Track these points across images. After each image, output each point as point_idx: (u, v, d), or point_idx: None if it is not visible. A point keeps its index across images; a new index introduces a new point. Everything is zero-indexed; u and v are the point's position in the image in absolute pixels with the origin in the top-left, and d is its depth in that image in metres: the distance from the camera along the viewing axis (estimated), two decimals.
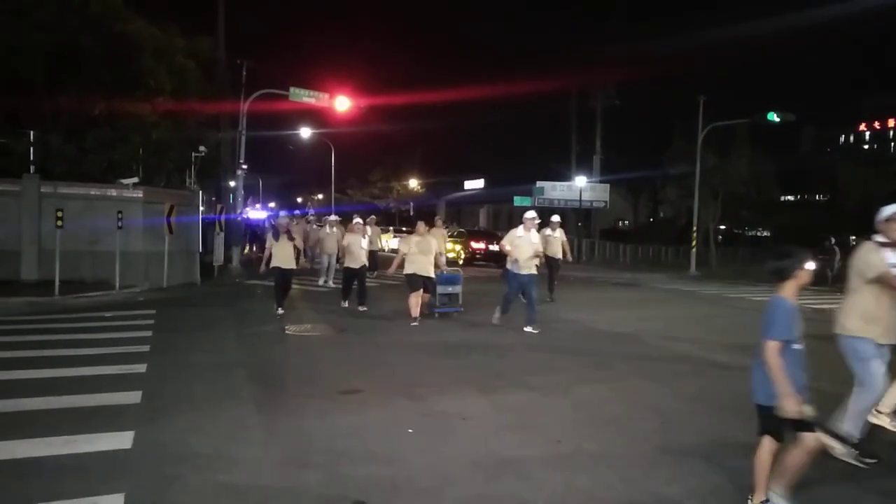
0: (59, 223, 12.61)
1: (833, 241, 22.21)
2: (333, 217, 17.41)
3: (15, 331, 9.19)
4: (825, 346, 5.17)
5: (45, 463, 4.37)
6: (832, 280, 20.24)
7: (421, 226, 11.07)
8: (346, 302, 12.35)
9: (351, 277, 12.28)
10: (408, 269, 10.53)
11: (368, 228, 17.06)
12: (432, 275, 10.84)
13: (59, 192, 14.38)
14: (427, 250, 10.65)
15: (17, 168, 14.84)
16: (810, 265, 3.72)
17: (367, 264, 12.56)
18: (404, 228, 35.23)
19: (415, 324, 10.25)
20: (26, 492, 3.92)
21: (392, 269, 11.18)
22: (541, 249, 10.71)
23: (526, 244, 10.22)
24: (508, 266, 10.41)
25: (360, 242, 12.31)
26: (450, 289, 11.65)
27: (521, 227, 10.47)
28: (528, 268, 10.16)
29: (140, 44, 16.05)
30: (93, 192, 14.85)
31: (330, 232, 16.56)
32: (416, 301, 10.48)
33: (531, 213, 10.56)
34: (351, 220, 13.84)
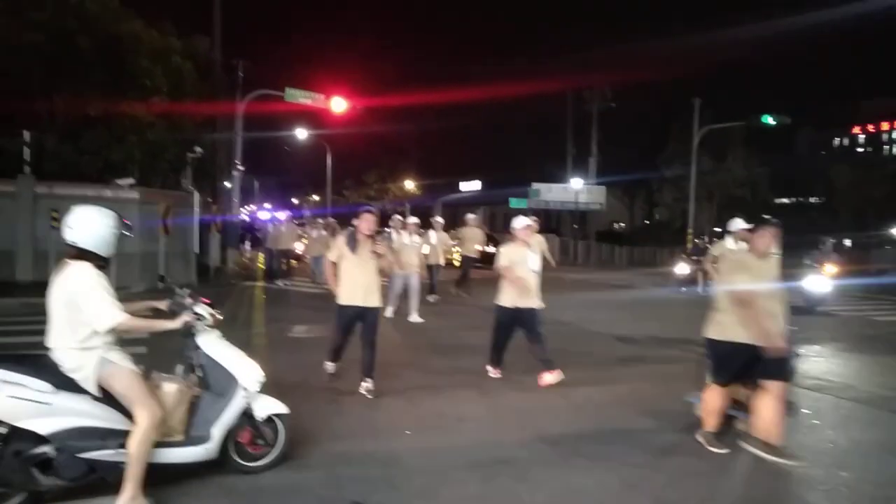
0: (55, 224, 12.55)
1: (706, 239, 19.55)
2: (413, 219, 11.71)
3: (10, 332, 9.15)
4: None
5: None
6: (704, 283, 17.19)
7: (761, 237, 4.87)
8: (497, 368, 7.23)
9: (511, 325, 7.08)
10: (717, 332, 4.87)
11: (433, 234, 13.03)
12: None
13: (54, 192, 14.32)
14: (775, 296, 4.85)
15: (11, 168, 14.78)
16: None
17: (535, 307, 7.02)
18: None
19: (723, 451, 4.91)
20: None
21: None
22: None
23: None
24: None
25: (530, 261, 6.99)
26: None
27: None
28: None
29: (136, 44, 16.03)
30: (88, 193, 14.75)
31: (411, 242, 11.31)
32: (721, 399, 4.96)
33: None
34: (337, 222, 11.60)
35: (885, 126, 76.61)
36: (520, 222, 7.14)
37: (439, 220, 13.67)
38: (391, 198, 58.00)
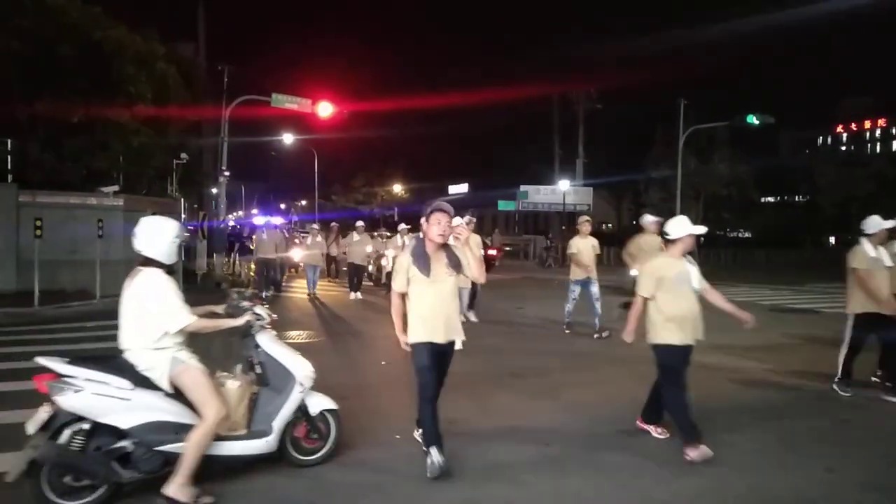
0: (38, 233, 12.42)
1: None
2: (459, 219, 7.68)
3: None
4: None
5: None
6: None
7: None
8: (697, 443, 4.75)
9: (683, 367, 5.09)
10: None
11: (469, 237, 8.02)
12: None
13: (37, 201, 14.18)
14: None
15: None
16: None
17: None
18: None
19: None
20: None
21: None
22: None
23: None
24: None
25: (693, 279, 5.01)
26: None
27: None
28: None
29: (119, 50, 15.91)
30: (72, 201, 14.66)
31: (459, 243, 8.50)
32: None
33: None
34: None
35: (867, 125, 77.45)
36: (680, 226, 4.97)
37: (472, 219, 10.49)
38: (379, 202, 57.98)
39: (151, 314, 3.85)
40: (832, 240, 50.73)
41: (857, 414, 6.14)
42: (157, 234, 4.02)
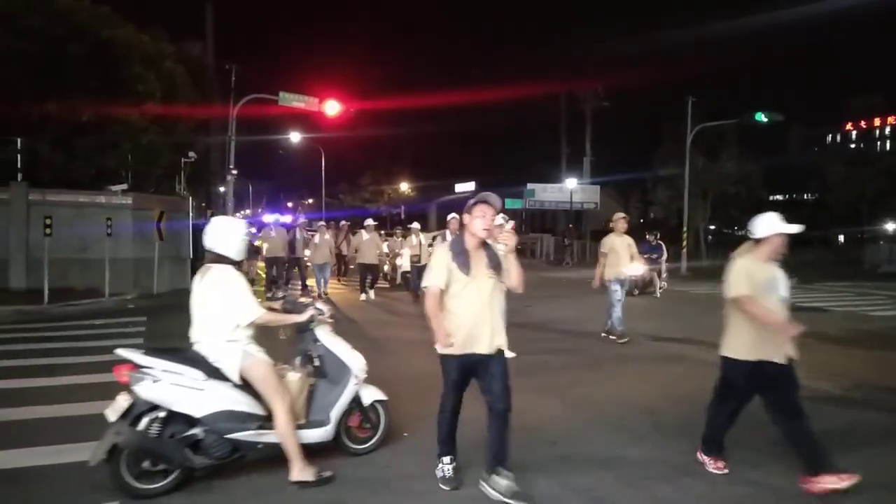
0: (48, 231, 12.51)
1: (657, 235, 17.37)
2: (503, 218, 7.43)
3: (4, 340, 9.10)
4: None
5: (37, 473, 4.33)
6: (660, 286, 16.23)
7: None
8: (718, 458, 4.55)
9: (750, 388, 4.51)
10: None
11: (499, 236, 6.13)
12: None
13: (47, 199, 14.29)
14: None
15: (4, 176, 14.73)
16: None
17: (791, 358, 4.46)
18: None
19: None
20: (18, 503, 3.89)
21: None
22: None
23: None
24: None
25: (780, 285, 4.47)
26: None
27: None
28: None
29: (128, 50, 16.00)
30: (81, 200, 14.76)
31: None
32: None
33: None
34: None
35: (876, 122, 76.94)
36: (767, 224, 4.25)
37: (506, 219, 7.94)
38: (386, 200, 58.05)
39: (224, 308, 4.04)
40: (840, 238, 50.47)
41: (869, 414, 6.11)
42: (230, 233, 4.24)
